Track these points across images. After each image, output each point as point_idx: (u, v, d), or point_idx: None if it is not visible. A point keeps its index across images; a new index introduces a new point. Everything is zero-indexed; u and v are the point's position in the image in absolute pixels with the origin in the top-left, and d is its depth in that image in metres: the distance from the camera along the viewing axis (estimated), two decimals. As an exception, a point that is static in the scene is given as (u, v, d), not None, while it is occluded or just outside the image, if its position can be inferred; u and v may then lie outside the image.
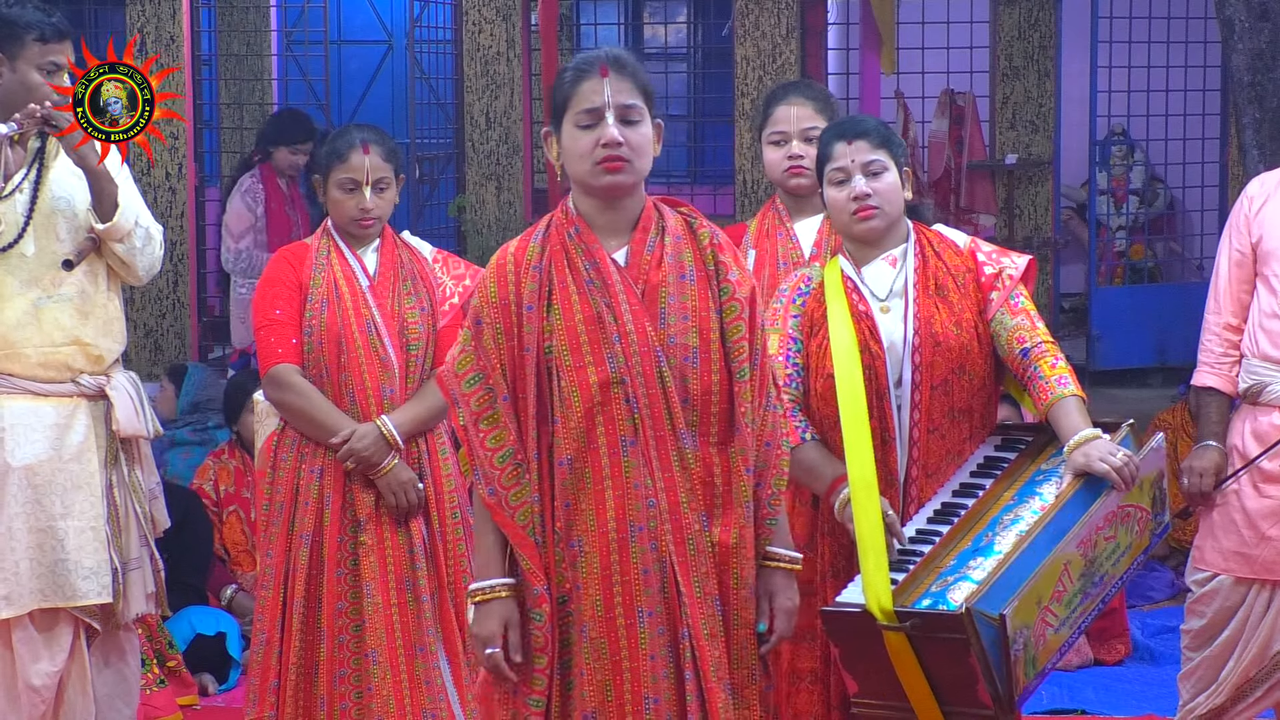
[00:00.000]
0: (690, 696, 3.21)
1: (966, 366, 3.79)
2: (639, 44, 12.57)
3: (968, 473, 3.80)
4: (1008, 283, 3.83)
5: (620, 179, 3.25)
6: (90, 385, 4.38)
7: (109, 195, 4.27)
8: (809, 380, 3.83)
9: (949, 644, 3.38)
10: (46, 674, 4.34)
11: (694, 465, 3.25)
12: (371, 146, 4.48)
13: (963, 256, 3.88)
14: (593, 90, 3.25)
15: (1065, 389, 3.70)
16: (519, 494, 3.26)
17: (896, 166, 3.85)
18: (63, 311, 4.33)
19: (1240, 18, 6.68)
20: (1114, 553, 3.58)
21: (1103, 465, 3.56)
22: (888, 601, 3.45)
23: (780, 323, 3.87)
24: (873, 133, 3.86)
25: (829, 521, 3.82)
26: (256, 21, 10.87)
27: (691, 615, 3.22)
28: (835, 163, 3.85)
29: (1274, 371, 4.43)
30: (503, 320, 3.28)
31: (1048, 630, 3.43)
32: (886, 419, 3.75)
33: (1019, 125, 10.56)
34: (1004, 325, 3.80)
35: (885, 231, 3.84)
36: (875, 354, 3.76)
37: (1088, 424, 3.66)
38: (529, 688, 3.26)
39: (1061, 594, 3.45)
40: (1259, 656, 4.49)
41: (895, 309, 3.81)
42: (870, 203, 3.81)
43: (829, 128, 4.00)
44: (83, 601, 4.33)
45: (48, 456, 4.32)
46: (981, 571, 3.46)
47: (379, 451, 4.38)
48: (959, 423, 3.81)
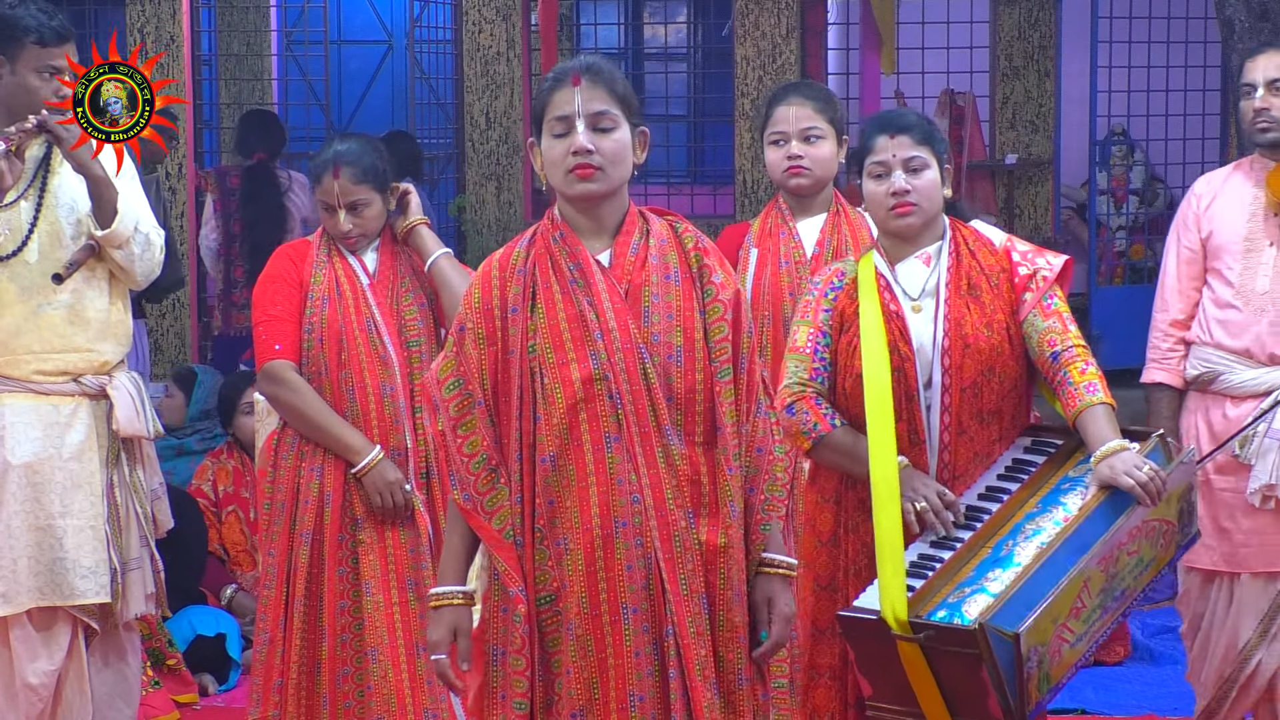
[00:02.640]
0: (674, 694, 3.21)
1: (996, 368, 3.73)
2: (639, 44, 12.59)
3: (994, 476, 3.74)
4: (1041, 284, 3.76)
5: (590, 187, 3.26)
6: (92, 385, 4.38)
7: (108, 201, 4.25)
8: (837, 378, 3.80)
9: (961, 657, 3.36)
10: (44, 673, 4.33)
11: (680, 463, 3.24)
12: (343, 169, 4.42)
13: (997, 255, 3.82)
14: (564, 99, 3.27)
15: (1094, 396, 3.63)
16: (494, 499, 3.27)
17: (938, 163, 3.80)
18: (63, 319, 4.31)
19: (1240, 18, 6.68)
20: (1136, 566, 3.52)
21: (1128, 480, 3.49)
22: (903, 611, 3.43)
23: (811, 315, 3.84)
24: (916, 128, 3.80)
25: (853, 518, 3.79)
26: (256, 21, 10.87)
27: (677, 612, 3.21)
28: (876, 156, 3.80)
29: (1229, 360, 4.49)
30: (485, 326, 3.29)
31: (1064, 646, 3.39)
32: (915, 421, 3.71)
33: (1019, 125, 10.57)
34: (1035, 327, 3.73)
35: (921, 228, 3.80)
36: (905, 355, 3.71)
37: (1116, 434, 3.59)
38: (512, 690, 3.26)
39: (1080, 610, 3.40)
40: (1228, 654, 4.49)
41: (927, 309, 3.76)
42: (909, 199, 3.75)
43: (872, 119, 3.94)
44: (80, 600, 4.32)
45: (47, 455, 4.32)
46: (999, 584, 3.42)
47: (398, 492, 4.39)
48: (988, 425, 3.75)
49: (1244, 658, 4.47)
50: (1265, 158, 4.56)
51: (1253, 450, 4.42)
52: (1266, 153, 4.55)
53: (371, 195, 4.46)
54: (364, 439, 4.40)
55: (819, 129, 4.51)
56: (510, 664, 3.26)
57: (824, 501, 3.87)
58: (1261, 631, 4.47)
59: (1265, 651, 4.46)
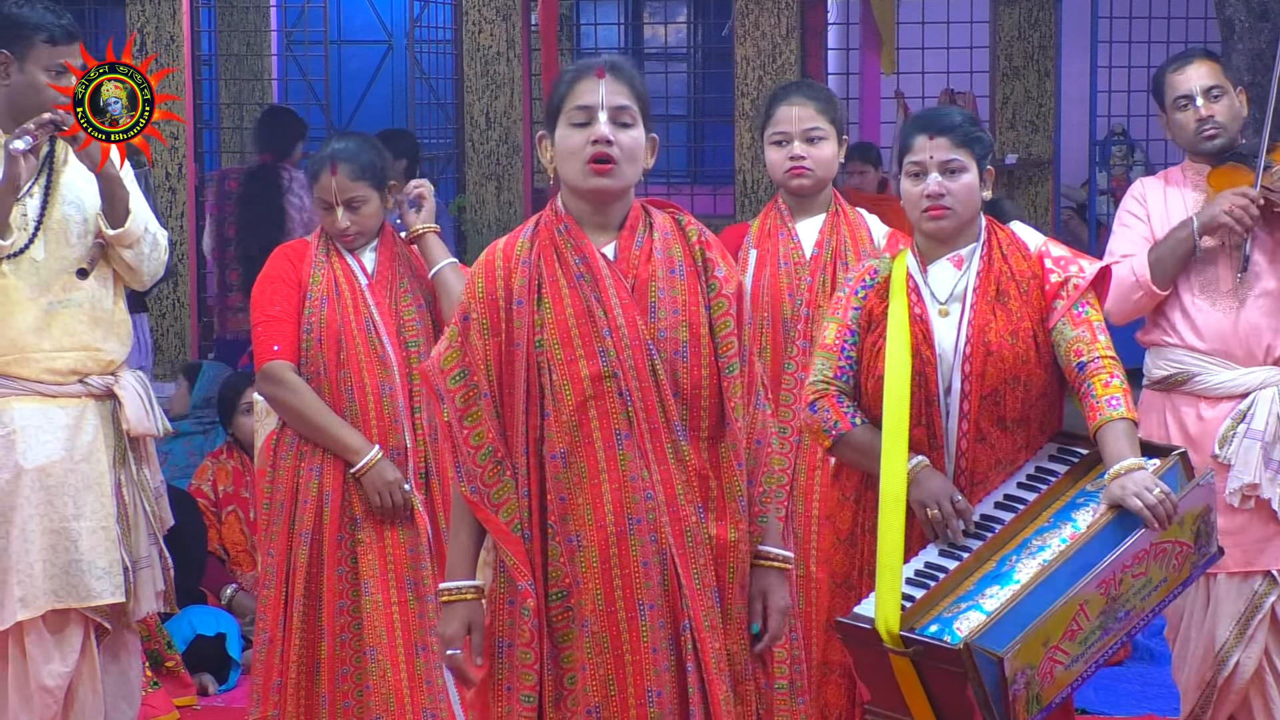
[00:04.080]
0: (692, 689, 3.22)
1: (1021, 377, 3.67)
2: (639, 44, 12.58)
3: (1014, 484, 3.70)
4: (1073, 292, 3.69)
5: (607, 183, 3.26)
6: (98, 385, 4.38)
7: (120, 200, 4.25)
8: (860, 376, 3.78)
9: (949, 674, 3.36)
10: (58, 674, 4.33)
11: (689, 458, 3.25)
12: (341, 166, 4.42)
13: (1030, 261, 3.75)
14: (588, 89, 3.27)
15: (1115, 411, 3.56)
16: (500, 491, 3.27)
17: (977, 166, 3.74)
18: (74, 317, 4.32)
19: (1240, 18, 6.68)
20: (1143, 589, 3.46)
21: (1137, 502, 3.43)
22: (895, 625, 3.44)
23: (841, 312, 3.81)
24: (956, 129, 3.74)
25: (871, 518, 3.75)
26: (256, 21, 10.87)
27: (693, 607, 3.22)
28: (914, 155, 3.75)
29: (1203, 361, 4.50)
30: (489, 316, 3.29)
31: (1056, 668, 3.36)
32: (935, 425, 3.68)
33: (1019, 125, 10.57)
34: (1064, 336, 3.67)
35: (955, 231, 3.74)
36: (927, 359, 3.68)
37: (1135, 451, 3.53)
38: (520, 683, 3.26)
39: (1076, 633, 3.36)
40: (1206, 656, 4.50)
41: (953, 313, 3.71)
42: (943, 203, 3.70)
43: (913, 118, 3.89)
44: (97, 601, 4.33)
45: (59, 457, 4.32)
46: (994, 602, 3.40)
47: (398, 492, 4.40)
48: (1010, 433, 3.70)
49: (1221, 659, 4.47)
50: (1197, 163, 4.61)
51: (1233, 450, 4.44)
52: (1200, 159, 4.60)
53: (369, 193, 4.46)
54: (363, 439, 4.40)
55: (821, 129, 4.50)
56: (519, 657, 3.26)
57: (844, 500, 3.87)
58: (1239, 632, 4.47)
59: (1243, 653, 4.46)
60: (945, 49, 10.48)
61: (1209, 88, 4.54)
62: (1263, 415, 4.42)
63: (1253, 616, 4.47)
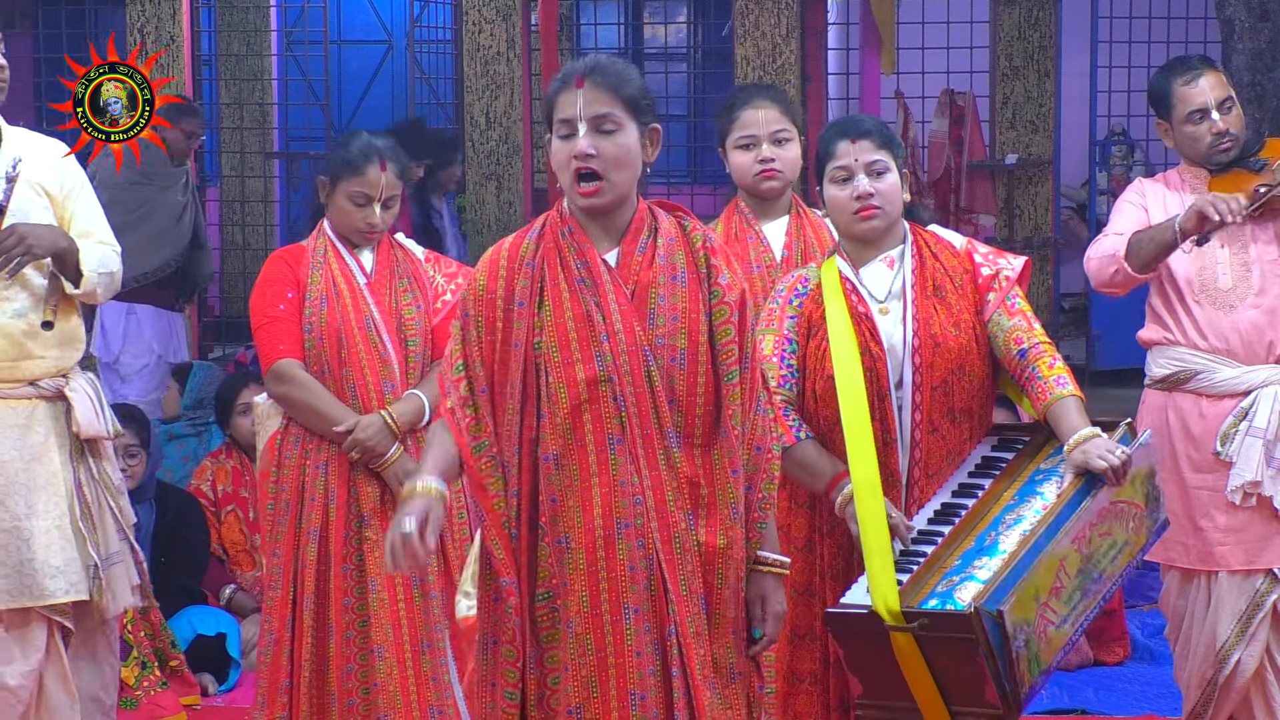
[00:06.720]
0: (677, 694, 3.22)
1: (966, 367, 3.79)
2: (639, 44, 12.59)
3: (966, 473, 3.81)
4: (1004, 284, 3.83)
5: (594, 202, 3.27)
6: (48, 387, 4.35)
7: (71, 265, 4.25)
8: (806, 382, 3.83)
9: (957, 644, 3.39)
10: (21, 674, 4.30)
11: (681, 465, 3.26)
12: (390, 164, 4.48)
13: (959, 257, 3.88)
14: (567, 102, 3.28)
15: (1064, 389, 3.71)
16: (494, 485, 3.28)
17: (897, 167, 3.85)
18: (15, 328, 4.26)
19: (1240, 18, 6.69)
20: (1110, 549, 3.60)
21: (1101, 463, 3.58)
22: (895, 602, 3.46)
23: (776, 323, 3.87)
24: (875, 133, 3.86)
25: (827, 522, 3.82)
26: (256, 21, 10.87)
27: (679, 613, 3.23)
28: (838, 161, 3.84)
29: (1206, 359, 4.51)
30: (487, 314, 3.30)
31: (1049, 627, 3.43)
32: (888, 420, 3.75)
33: (1019, 125, 10.56)
34: (1001, 326, 3.81)
35: (885, 232, 3.84)
36: (876, 355, 3.76)
37: (1086, 423, 3.68)
38: (503, 680, 3.28)
39: (1060, 590, 3.45)
40: (1208, 654, 4.50)
41: (894, 310, 3.81)
42: (873, 202, 3.80)
43: (831, 125, 4.00)
44: (51, 600, 4.29)
45: (9, 457, 4.28)
46: (987, 571, 3.46)
47: (383, 441, 4.39)
48: (959, 423, 3.81)
49: (1223, 657, 4.48)
50: (1195, 169, 4.62)
51: (1234, 448, 4.45)
52: (1202, 167, 4.60)
53: (400, 194, 4.51)
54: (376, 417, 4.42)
55: (787, 130, 4.51)
56: (503, 654, 3.28)
57: (797, 507, 3.90)
58: (1240, 631, 4.48)
59: (1244, 651, 4.47)
60: (945, 49, 10.48)
61: (1222, 100, 4.54)
62: (1264, 413, 4.44)
63: (1254, 615, 4.48)
